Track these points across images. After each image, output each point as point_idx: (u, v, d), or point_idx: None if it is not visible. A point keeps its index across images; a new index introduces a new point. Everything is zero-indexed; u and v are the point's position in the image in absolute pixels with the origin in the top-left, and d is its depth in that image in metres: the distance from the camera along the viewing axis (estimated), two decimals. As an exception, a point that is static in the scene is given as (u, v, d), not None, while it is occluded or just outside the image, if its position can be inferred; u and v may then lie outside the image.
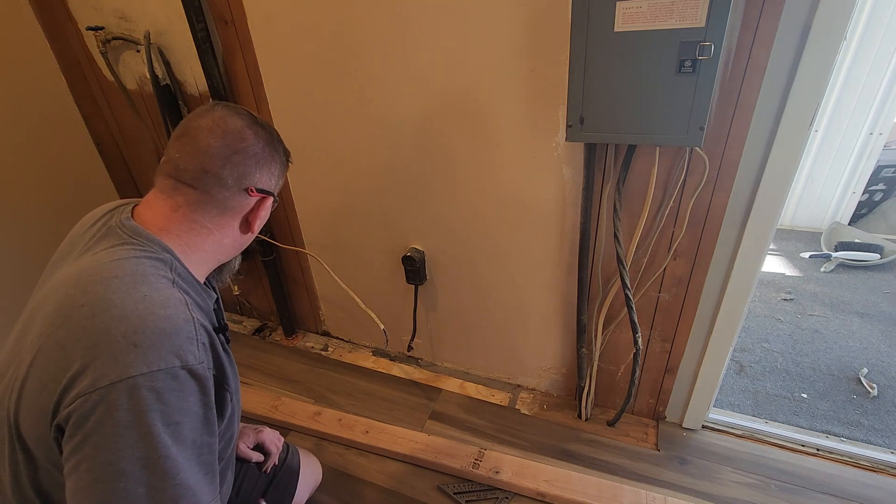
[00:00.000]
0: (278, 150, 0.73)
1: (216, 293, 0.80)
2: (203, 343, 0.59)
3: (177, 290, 0.61)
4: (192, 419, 0.56)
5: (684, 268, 1.13)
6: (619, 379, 1.36)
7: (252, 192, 0.69)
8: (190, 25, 1.23)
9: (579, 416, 1.41)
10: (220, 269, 0.80)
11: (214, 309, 0.72)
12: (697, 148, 0.97)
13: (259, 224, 0.73)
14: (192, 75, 1.39)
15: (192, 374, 0.56)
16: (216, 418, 0.61)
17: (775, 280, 2.22)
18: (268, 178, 0.71)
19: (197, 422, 0.57)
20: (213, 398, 0.59)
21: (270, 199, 0.73)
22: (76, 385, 0.53)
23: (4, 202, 1.49)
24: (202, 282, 0.71)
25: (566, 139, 0.98)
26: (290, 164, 0.78)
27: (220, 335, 0.70)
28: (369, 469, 1.29)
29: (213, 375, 0.61)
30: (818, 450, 1.29)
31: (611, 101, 0.91)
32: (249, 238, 0.75)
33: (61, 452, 0.54)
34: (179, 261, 0.65)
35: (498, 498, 1.20)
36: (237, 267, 0.84)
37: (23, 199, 1.53)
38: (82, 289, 0.58)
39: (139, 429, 0.52)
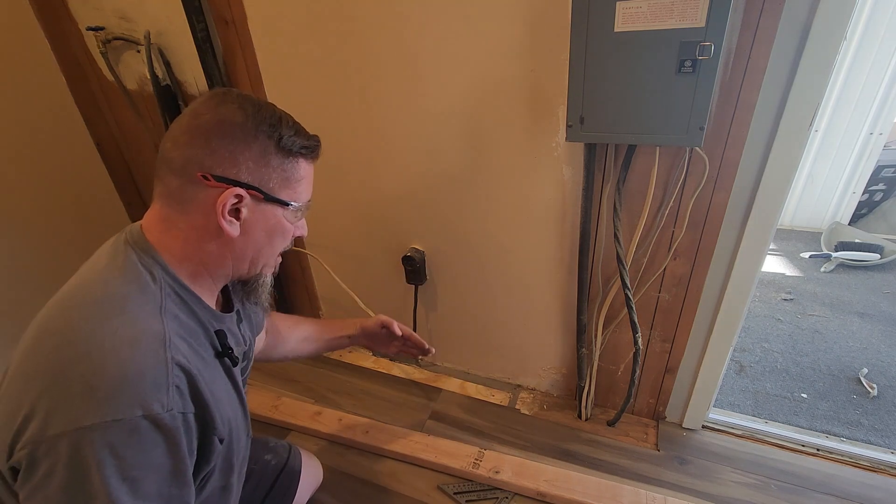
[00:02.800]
0: (257, 131, 0.59)
1: (235, 310, 0.73)
2: (176, 386, 0.52)
3: (160, 318, 0.55)
4: (157, 473, 0.51)
5: (684, 268, 1.13)
6: (618, 379, 1.36)
7: (208, 179, 0.57)
8: (190, 26, 1.23)
9: (579, 416, 1.41)
10: (244, 287, 0.71)
11: (217, 331, 0.65)
12: (697, 148, 0.97)
13: (235, 227, 0.60)
14: (193, 75, 1.39)
15: (157, 424, 0.50)
16: (189, 468, 0.55)
17: (775, 280, 2.22)
18: (230, 164, 0.57)
19: (163, 474, 0.51)
20: (185, 448, 0.53)
21: (241, 191, 0.58)
22: (27, 429, 0.49)
23: (3, 202, 1.49)
24: (212, 299, 0.65)
25: (566, 139, 0.98)
26: (301, 154, 0.64)
27: (226, 358, 0.65)
28: (369, 469, 1.29)
29: (197, 417, 0.55)
30: (818, 450, 1.29)
31: (611, 101, 0.91)
32: (248, 244, 0.63)
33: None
34: (173, 274, 0.59)
35: (498, 498, 1.20)
36: (266, 286, 0.72)
37: (22, 200, 1.53)
38: (60, 312, 0.54)
39: (90, 486, 0.47)
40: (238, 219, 0.60)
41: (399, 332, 1.09)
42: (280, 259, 0.72)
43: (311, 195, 0.69)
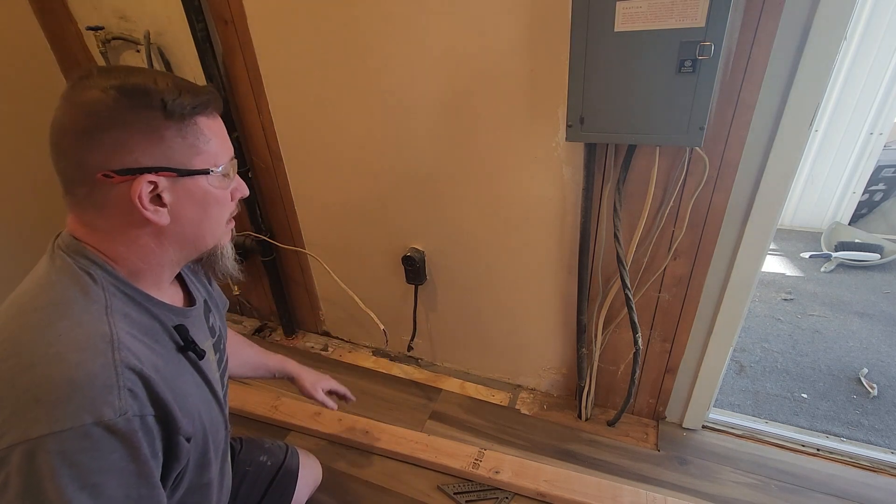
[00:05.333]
0: (132, 107, 0.52)
1: (202, 301, 0.72)
2: (129, 389, 0.50)
3: (107, 320, 0.53)
4: (119, 477, 0.49)
5: (684, 268, 1.13)
6: (619, 379, 1.36)
7: (111, 177, 0.52)
8: (190, 25, 1.23)
9: (579, 416, 1.41)
10: (201, 265, 0.68)
11: (177, 326, 0.62)
12: (697, 148, 0.97)
13: (162, 214, 0.55)
14: (192, 75, 1.38)
15: (111, 430, 0.48)
16: (155, 469, 0.53)
17: (775, 280, 2.22)
18: (124, 153, 0.52)
19: (126, 478, 0.50)
20: (146, 450, 0.51)
21: (151, 177, 0.53)
22: None
23: (3, 203, 1.49)
24: (163, 293, 0.63)
25: (566, 139, 0.98)
26: (196, 114, 0.56)
27: (191, 353, 0.63)
28: (369, 469, 1.29)
29: (157, 419, 0.53)
30: (818, 450, 1.29)
31: (611, 101, 0.90)
32: (183, 226, 0.59)
33: None
34: (114, 273, 0.56)
35: (498, 498, 1.20)
36: (227, 256, 0.68)
37: (22, 200, 1.53)
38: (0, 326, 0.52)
39: (45, 497, 0.46)
40: (162, 205, 0.56)
41: (308, 395, 1.10)
42: (233, 223, 0.67)
43: (231, 151, 0.62)
